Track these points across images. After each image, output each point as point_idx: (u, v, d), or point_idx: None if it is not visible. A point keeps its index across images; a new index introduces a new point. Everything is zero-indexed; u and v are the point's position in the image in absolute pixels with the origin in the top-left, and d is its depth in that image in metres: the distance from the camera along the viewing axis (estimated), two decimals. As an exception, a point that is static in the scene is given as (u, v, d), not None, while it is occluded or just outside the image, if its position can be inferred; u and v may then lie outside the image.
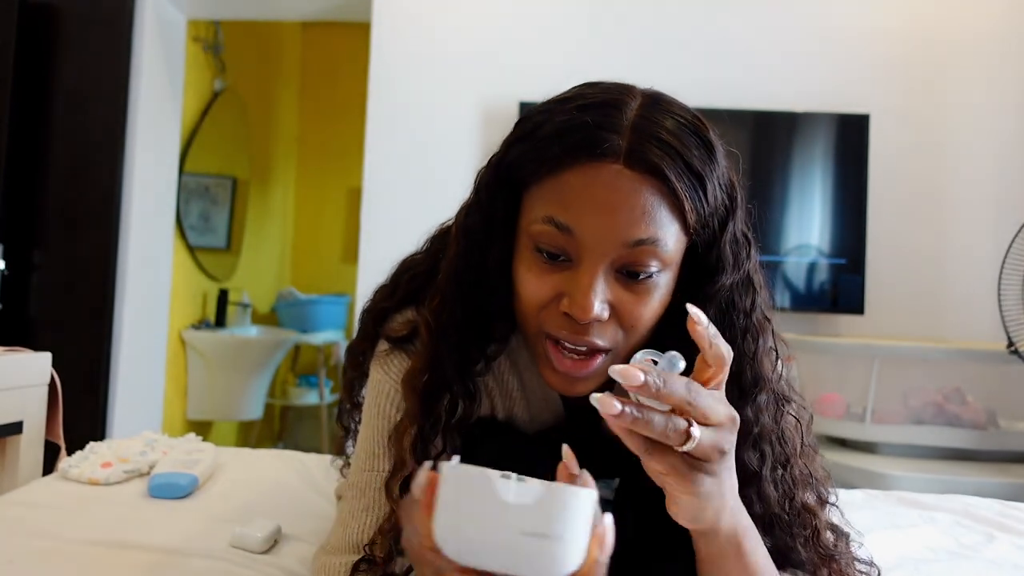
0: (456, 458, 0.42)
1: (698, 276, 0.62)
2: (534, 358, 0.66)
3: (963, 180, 2.49)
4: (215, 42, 3.38)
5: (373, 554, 0.63)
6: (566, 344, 0.61)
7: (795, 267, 2.42)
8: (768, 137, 2.47)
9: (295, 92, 4.44)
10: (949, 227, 2.49)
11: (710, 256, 0.61)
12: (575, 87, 0.63)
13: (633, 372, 0.44)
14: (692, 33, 2.56)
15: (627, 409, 0.45)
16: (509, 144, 0.63)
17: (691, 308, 0.48)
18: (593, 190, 0.56)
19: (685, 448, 0.47)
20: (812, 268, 2.42)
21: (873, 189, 2.43)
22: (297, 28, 4.37)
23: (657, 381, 0.45)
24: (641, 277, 0.58)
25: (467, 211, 0.66)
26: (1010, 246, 2.02)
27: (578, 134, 0.57)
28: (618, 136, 0.56)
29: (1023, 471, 1.97)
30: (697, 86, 2.52)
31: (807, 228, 2.44)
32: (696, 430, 0.46)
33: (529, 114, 0.63)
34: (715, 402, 0.48)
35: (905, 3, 2.54)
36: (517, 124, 0.64)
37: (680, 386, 0.46)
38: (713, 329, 0.48)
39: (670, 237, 0.57)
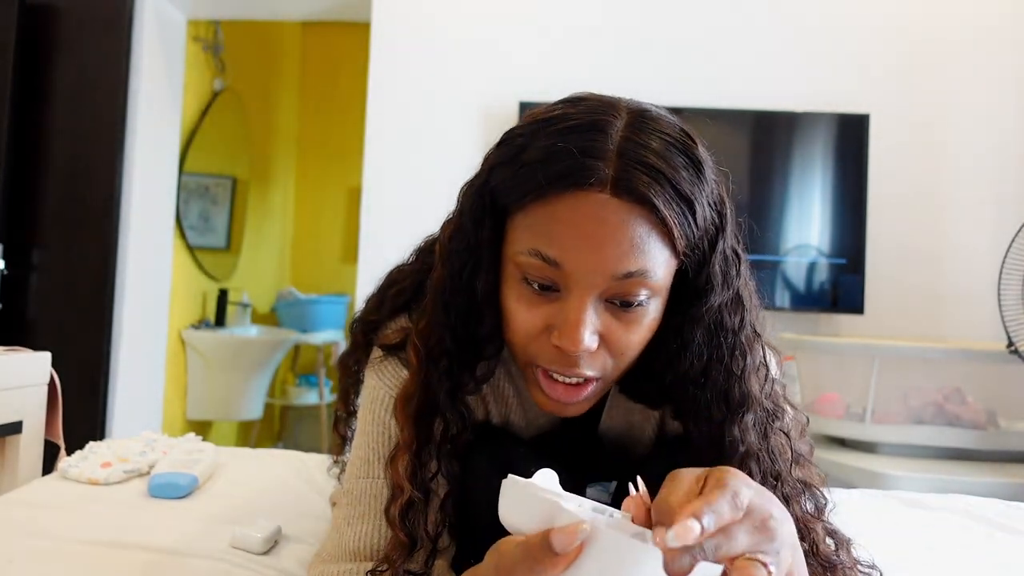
0: (599, 513, 0.41)
1: (687, 297, 0.61)
2: (527, 383, 0.65)
3: (963, 180, 2.49)
4: (215, 42, 3.38)
5: None
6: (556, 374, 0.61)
7: (795, 267, 2.42)
8: (768, 137, 2.47)
9: (295, 92, 4.44)
10: (949, 227, 2.49)
11: (700, 277, 0.60)
12: (558, 104, 0.61)
13: (689, 531, 0.38)
14: (692, 32, 2.56)
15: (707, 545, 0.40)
16: (492, 167, 0.62)
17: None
18: (580, 222, 0.54)
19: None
20: (812, 268, 2.42)
21: (873, 189, 2.43)
22: (297, 28, 4.37)
23: (711, 523, 0.39)
24: (632, 307, 0.57)
25: (452, 234, 0.65)
26: (1010, 246, 2.02)
27: (563, 162, 0.55)
28: (604, 163, 0.54)
29: (1023, 471, 1.97)
30: (697, 86, 2.53)
31: (807, 228, 2.44)
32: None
33: (511, 135, 0.61)
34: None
35: (905, 3, 2.54)
36: (499, 144, 0.62)
37: (727, 510, 0.40)
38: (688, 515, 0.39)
39: (659, 266, 0.56)
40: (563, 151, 0.55)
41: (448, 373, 0.65)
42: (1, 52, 2.44)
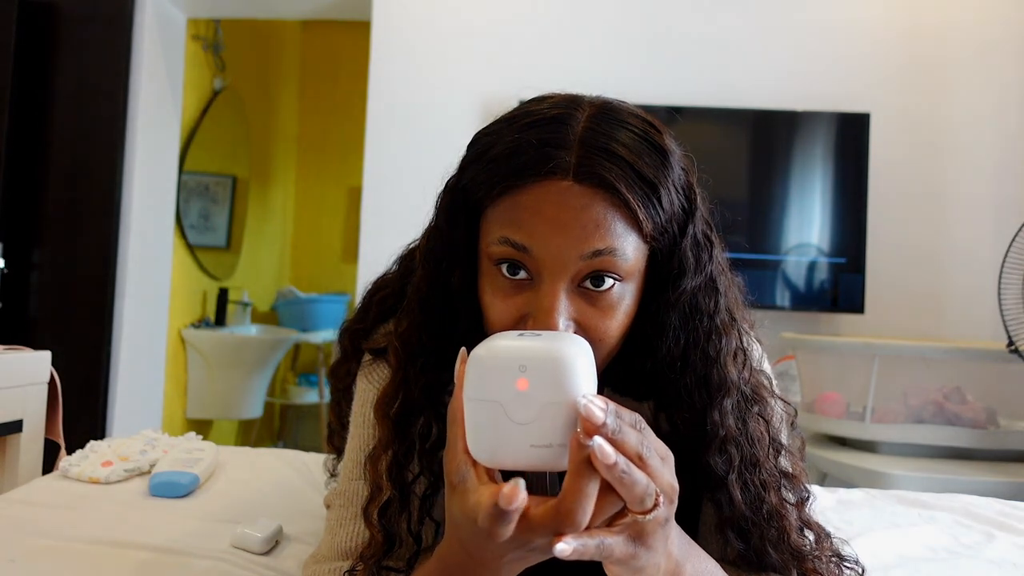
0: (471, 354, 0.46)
1: (661, 283, 0.62)
2: None
3: (963, 179, 2.49)
4: (215, 41, 3.38)
5: None
6: None
7: (795, 266, 2.42)
8: (768, 137, 2.47)
9: (295, 91, 4.44)
10: (949, 226, 2.49)
11: (672, 261, 0.61)
12: (524, 103, 0.63)
13: (595, 410, 0.42)
14: (692, 32, 2.55)
15: (620, 460, 0.42)
16: (463, 167, 0.64)
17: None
18: (545, 208, 0.56)
19: (648, 517, 0.44)
20: (812, 267, 2.42)
21: (873, 188, 2.43)
22: (297, 27, 4.36)
23: (614, 424, 0.43)
24: (602, 288, 0.58)
25: (429, 235, 0.67)
26: (1010, 245, 2.02)
27: (527, 153, 0.57)
28: (566, 152, 0.56)
29: (1023, 470, 1.97)
30: (697, 86, 2.52)
31: (807, 227, 2.44)
32: (662, 498, 0.45)
33: (480, 135, 0.63)
34: (663, 466, 0.46)
35: (906, 3, 2.54)
36: (469, 145, 0.64)
37: (633, 436, 0.44)
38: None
39: (628, 247, 0.57)
40: (527, 144, 0.57)
41: (424, 371, 0.65)
42: (1, 51, 2.44)
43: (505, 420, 0.44)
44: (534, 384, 0.43)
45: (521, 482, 0.41)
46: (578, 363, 0.44)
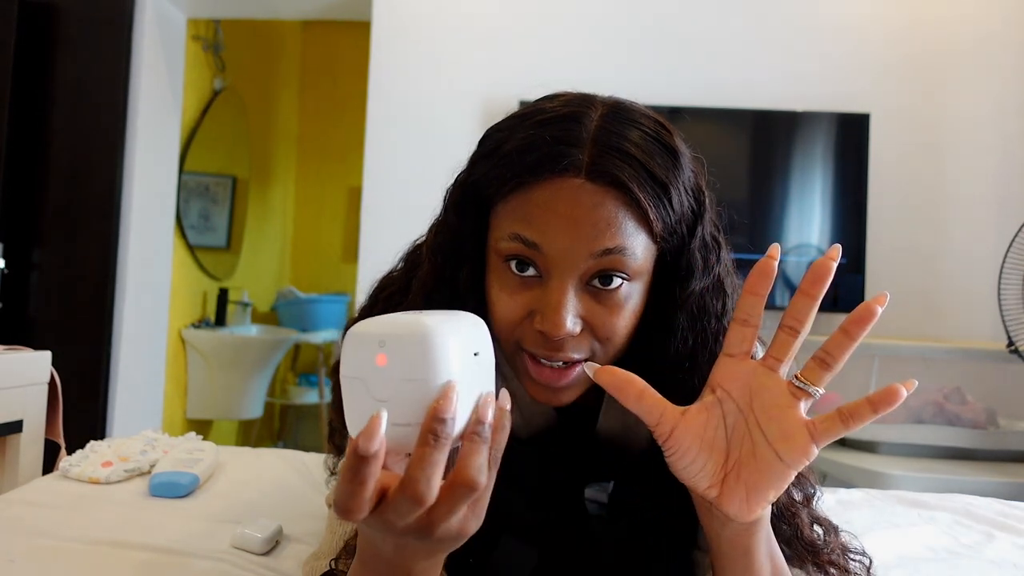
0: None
1: (669, 283, 0.62)
2: (515, 372, 0.65)
3: (963, 180, 2.49)
4: (215, 41, 3.38)
5: (338, 568, 0.64)
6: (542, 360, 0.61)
7: (795, 266, 2.42)
8: (768, 137, 2.47)
9: (295, 91, 4.44)
10: (949, 227, 2.49)
11: (680, 262, 0.61)
12: (536, 101, 0.63)
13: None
14: (692, 32, 2.56)
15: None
16: (473, 162, 0.64)
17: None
18: (556, 205, 0.56)
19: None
20: (812, 267, 2.42)
21: (873, 189, 2.43)
22: (297, 27, 4.37)
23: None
24: (611, 287, 0.58)
25: (436, 230, 0.67)
26: (1010, 246, 2.02)
27: (539, 150, 0.57)
28: (579, 150, 0.56)
29: (1023, 471, 1.97)
30: (697, 86, 2.53)
31: (807, 227, 2.44)
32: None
33: (491, 131, 0.63)
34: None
35: (906, 2, 2.54)
36: (480, 141, 0.64)
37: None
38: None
39: (638, 246, 0.57)
40: (540, 141, 0.57)
41: None
42: (1, 51, 2.44)
43: (367, 397, 0.42)
44: (391, 360, 0.41)
45: (383, 416, 0.39)
46: (438, 340, 0.42)
